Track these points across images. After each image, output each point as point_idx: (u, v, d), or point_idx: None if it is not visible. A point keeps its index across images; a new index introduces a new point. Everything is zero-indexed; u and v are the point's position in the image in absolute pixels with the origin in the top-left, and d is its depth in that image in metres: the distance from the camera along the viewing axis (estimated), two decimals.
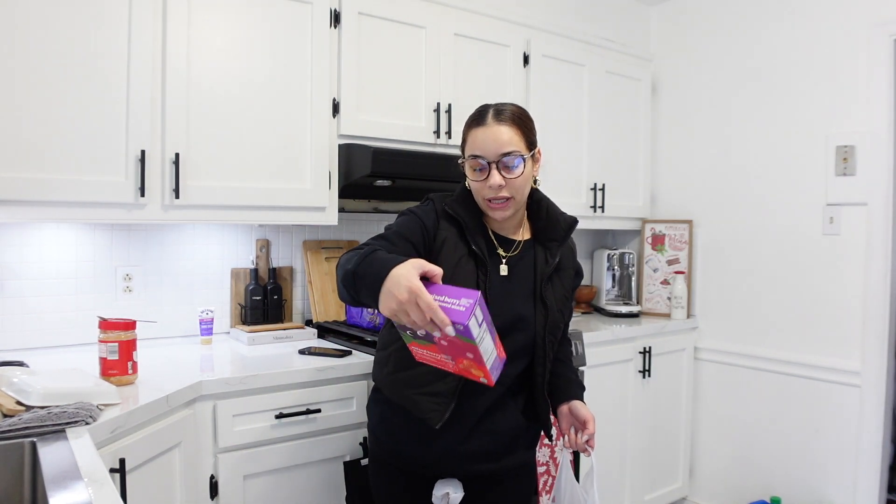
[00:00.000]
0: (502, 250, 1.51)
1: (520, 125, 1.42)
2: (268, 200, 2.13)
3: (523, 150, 1.41)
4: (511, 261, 1.50)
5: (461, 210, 1.47)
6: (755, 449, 2.96)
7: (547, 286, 1.50)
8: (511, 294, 1.47)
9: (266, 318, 2.41)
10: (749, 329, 3.01)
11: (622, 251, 3.35)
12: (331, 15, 2.25)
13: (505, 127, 1.40)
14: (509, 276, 1.49)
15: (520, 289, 1.49)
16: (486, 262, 1.44)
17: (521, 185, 1.42)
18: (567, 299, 1.55)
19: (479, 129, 1.41)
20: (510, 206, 1.44)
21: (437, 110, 2.48)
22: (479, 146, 1.41)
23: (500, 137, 1.39)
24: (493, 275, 1.47)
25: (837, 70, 2.70)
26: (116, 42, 1.86)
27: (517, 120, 1.42)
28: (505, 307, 1.44)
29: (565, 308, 1.55)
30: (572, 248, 1.61)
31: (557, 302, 1.51)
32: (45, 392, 1.39)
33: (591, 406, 2.65)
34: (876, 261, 2.57)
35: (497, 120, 1.41)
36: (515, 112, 1.44)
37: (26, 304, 2.05)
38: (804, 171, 2.81)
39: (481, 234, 1.49)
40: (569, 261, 1.57)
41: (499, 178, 1.39)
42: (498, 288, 1.46)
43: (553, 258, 1.51)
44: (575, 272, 1.59)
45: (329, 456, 1.96)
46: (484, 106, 1.47)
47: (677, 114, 3.31)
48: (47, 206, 1.77)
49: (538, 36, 2.85)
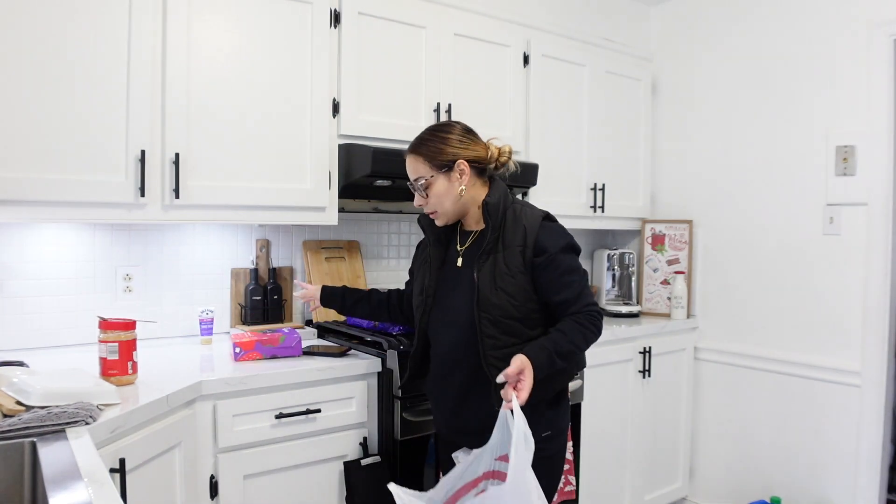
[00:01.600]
0: (460, 245, 1.74)
1: (422, 153, 1.67)
2: (268, 200, 2.13)
3: (427, 174, 1.66)
4: (465, 252, 1.72)
5: (424, 221, 1.79)
6: (755, 449, 2.96)
7: (483, 266, 1.62)
8: (460, 280, 1.68)
9: (266, 318, 2.41)
10: (749, 329, 3.01)
11: (622, 251, 3.35)
12: (331, 15, 2.25)
13: (410, 157, 1.69)
14: (462, 266, 1.71)
15: (467, 275, 1.67)
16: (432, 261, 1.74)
17: (439, 201, 1.67)
18: (514, 276, 1.60)
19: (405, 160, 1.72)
20: (439, 216, 1.70)
21: (437, 110, 2.48)
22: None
23: (409, 168, 1.70)
24: (449, 269, 1.73)
25: (837, 70, 2.70)
26: (116, 42, 1.86)
27: (423, 150, 1.67)
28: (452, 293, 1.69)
29: (512, 286, 1.59)
30: (525, 227, 1.63)
31: (497, 280, 1.59)
32: (45, 392, 1.39)
33: (592, 406, 2.66)
34: (876, 261, 2.57)
35: (409, 151, 1.70)
36: (424, 140, 1.69)
37: (26, 304, 2.05)
38: (804, 171, 2.81)
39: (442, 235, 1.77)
40: (515, 238, 1.62)
41: (419, 199, 1.70)
42: (449, 279, 1.72)
43: (486, 240, 1.63)
44: (536, 249, 1.61)
45: (329, 456, 1.96)
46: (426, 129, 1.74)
47: (677, 114, 3.31)
48: (47, 206, 1.77)
49: (538, 36, 2.85)
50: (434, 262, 1.74)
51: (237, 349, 2.01)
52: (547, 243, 1.61)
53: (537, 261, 1.60)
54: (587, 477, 2.68)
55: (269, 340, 2.04)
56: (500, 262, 1.61)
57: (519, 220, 1.64)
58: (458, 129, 1.69)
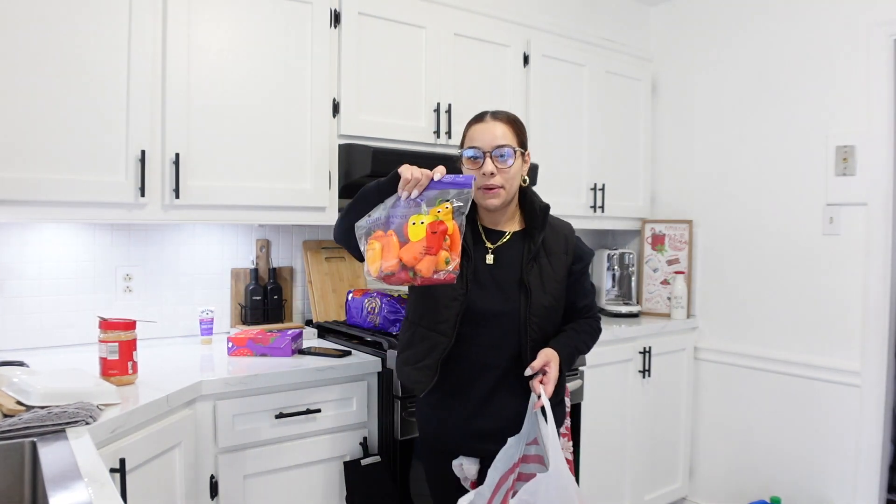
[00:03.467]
0: (489, 242, 1.65)
1: (513, 125, 1.62)
2: (268, 200, 2.13)
3: (514, 145, 1.59)
4: (498, 250, 1.64)
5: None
6: (755, 449, 2.96)
7: (531, 271, 1.59)
8: (497, 280, 1.60)
9: (266, 318, 2.41)
10: (749, 329, 3.01)
11: (622, 251, 3.35)
12: (331, 15, 2.25)
13: (500, 124, 1.60)
14: (496, 264, 1.62)
15: (506, 276, 1.61)
16: (471, 251, 1.60)
17: (511, 177, 1.59)
18: (559, 282, 1.63)
19: (478, 125, 1.62)
20: (500, 194, 1.59)
21: (437, 110, 2.49)
22: (476, 139, 1.60)
23: (494, 132, 1.58)
24: (479, 263, 1.62)
25: (837, 70, 2.70)
26: (116, 42, 1.86)
27: (512, 120, 1.63)
28: (491, 292, 1.59)
29: (557, 291, 1.62)
30: (566, 235, 1.68)
31: (546, 285, 1.60)
32: (45, 392, 1.40)
33: (592, 406, 2.66)
34: (876, 261, 2.57)
35: (494, 118, 1.61)
36: (511, 115, 1.65)
37: (26, 304, 2.05)
38: (804, 171, 2.81)
39: (469, 228, 1.61)
40: (558, 245, 1.65)
41: (491, 166, 1.56)
42: (485, 275, 1.61)
43: (535, 243, 1.61)
44: (575, 257, 1.66)
45: (329, 456, 1.97)
46: (483, 111, 1.66)
47: (677, 114, 3.31)
48: (47, 206, 1.77)
49: (538, 36, 2.85)
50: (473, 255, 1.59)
51: (230, 344, 2.08)
52: (583, 253, 1.70)
53: (574, 268, 1.66)
54: (587, 477, 2.68)
55: (261, 339, 2.07)
56: (545, 266, 1.62)
57: (556, 228, 1.68)
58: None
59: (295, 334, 2.13)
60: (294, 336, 2.12)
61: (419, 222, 1.39)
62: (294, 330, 2.23)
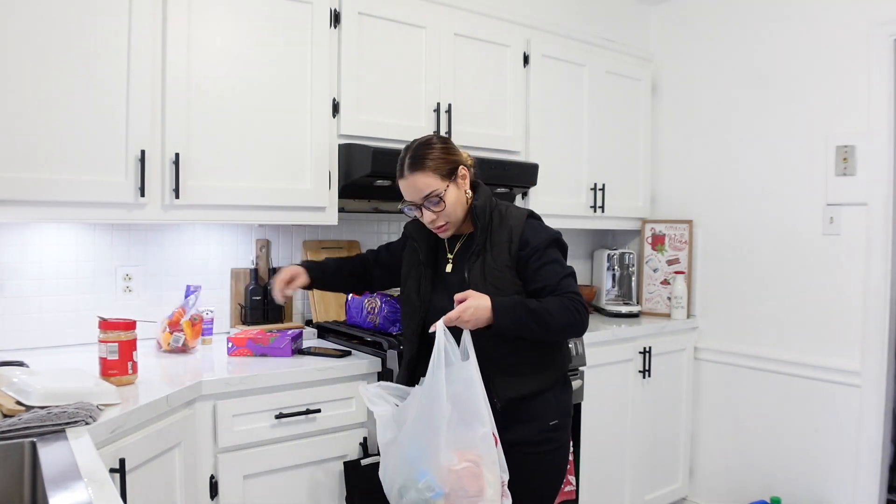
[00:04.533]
0: (450, 252, 1.80)
1: (431, 167, 1.66)
2: (268, 200, 2.13)
3: (440, 186, 1.66)
4: (455, 257, 1.78)
5: (412, 229, 1.84)
6: (755, 449, 2.96)
7: (474, 265, 1.68)
8: (451, 284, 1.72)
9: (266, 318, 2.41)
10: (749, 329, 3.01)
11: (622, 251, 3.35)
12: (331, 15, 2.25)
13: (419, 175, 1.66)
14: (454, 270, 1.77)
15: (457, 277, 1.73)
16: (426, 269, 1.79)
17: (450, 211, 1.69)
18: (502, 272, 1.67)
19: (402, 181, 1.70)
20: (448, 227, 1.73)
21: (437, 110, 2.48)
22: (406, 194, 1.71)
23: (416, 185, 1.67)
24: (440, 273, 1.79)
25: (837, 70, 2.70)
26: (116, 42, 1.85)
27: (427, 164, 1.66)
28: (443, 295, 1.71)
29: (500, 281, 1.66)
30: (511, 226, 1.71)
31: (488, 277, 1.66)
32: (45, 392, 1.39)
33: (592, 406, 2.66)
34: (876, 261, 2.57)
35: (411, 170, 1.67)
36: (426, 154, 1.67)
37: (26, 304, 2.05)
38: (804, 171, 2.80)
39: (429, 242, 1.81)
40: (502, 236, 1.70)
41: (430, 215, 1.69)
42: (441, 283, 1.77)
43: (476, 242, 1.70)
44: (521, 244, 1.68)
45: (329, 456, 1.96)
46: (404, 152, 1.72)
47: (677, 114, 3.31)
48: (47, 206, 1.77)
49: (538, 36, 2.85)
50: (429, 271, 1.79)
51: (230, 344, 2.08)
52: (531, 238, 1.70)
53: (522, 254, 1.68)
54: (587, 477, 2.68)
55: (261, 339, 2.07)
56: (488, 260, 1.68)
57: (505, 220, 1.72)
58: (442, 138, 1.76)
59: (295, 334, 2.13)
60: (294, 336, 2.11)
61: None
62: (294, 330, 2.23)
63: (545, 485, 1.72)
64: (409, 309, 1.81)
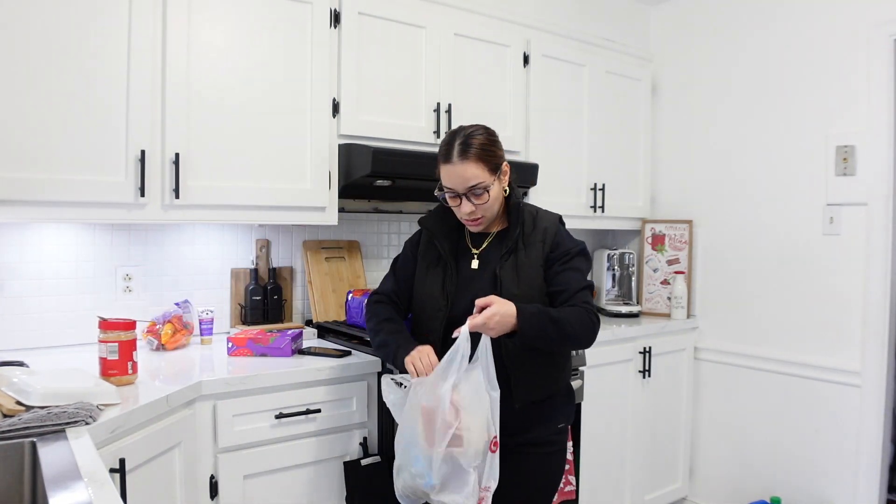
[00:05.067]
0: (475, 248, 1.75)
1: (483, 158, 1.61)
2: (268, 200, 2.13)
3: (487, 179, 1.62)
4: (482, 254, 1.73)
5: (432, 223, 1.78)
6: (755, 449, 2.96)
7: (505, 263, 1.66)
8: (478, 280, 1.68)
9: (266, 318, 2.41)
10: (749, 329, 3.01)
11: (622, 251, 3.35)
12: (331, 15, 2.25)
13: (469, 164, 1.60)
14: (480, 268, 1.71)
15: (485, 274, 1.68)
16: (451, 265, 1.72)
17: (490, 206, 1.66)
18: (535, 272, 1.66)
19: (448, 167, 1.63)
20: (483, 222, 1.69)
21: (437, 110, 2.48)
22: (449, 181, 1.64)
23: (465, 174, 1.60)
24: (464, 270, 1.72)
25: (837, 70, 2.70)
26: (116, 42, 1.85)
27: (480, 154, 1.61)
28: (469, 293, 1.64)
29: (532, 281, 1.65)
30: (546, 226, 1.71)
31: (520, 277, 1.64)
32: (45, 392, 1.39)
33: (592, 406, 2.66)
34: (876, 261, 2.57)
35: (462, 158, 1.60)
36: (479, 144, 1.62)
37: (26, 304, 2.05)
38: (804, 171, 2.80)
39: (450, 238, 1.76)
40: (536, 236, 1.69)
41: (469, 206, 1.64)
42: (468, 280, 1.70)
43: (511, 240, 1.68)
44: (553, 245, 1.69)
45: (329, 456, 1.96)
46: (452, 136, 1.66)
47: (677, 114, 3.31)
48: (47, 206, 1.77)
49: (538, 36, 2.85)
50: (452, 265, 1.72)
51: (230, 344, 2.08)
52: (563, 241, 1.71)
53: (552, 255, 1.68)
54: (587, 477, 2.68)
55: (261, 339, 2.07)
56: (521, 258, 1.67)
57: (538, 221, 1.72)
58: (490, 130, 1.68)
59: (295, 334, 2.13)
60: (294, 336, 2.11)
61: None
62: (294, 330, 2.23)
63: (548, 485, 1.73)
64: (431, 308, 1.71)
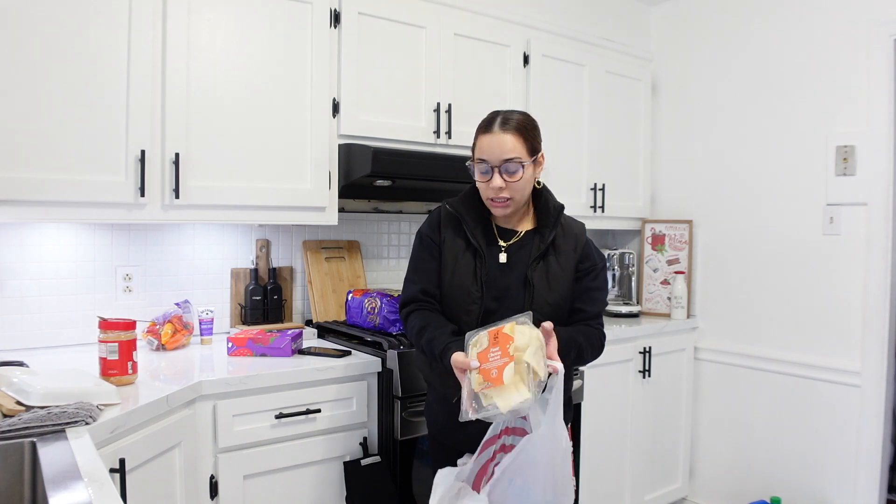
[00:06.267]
0: (503, 241, 1.65)
1: (523, 134, 1.56)
2: (268, 200, 2.13)
3: (525, 157, 1.55)
4: (510, 249, 1.65)
5: (461, 208, 1.66)
6: (755, 449, 2.96)
7: (537, 267, 1.61)
8: (507, 278, 1.61)
9: (266, 318, 2.41)
10: (749, 329, 3.01)
11: (622, 251, 3.35)
12: (331, 15, 2.25)
13: (509, 135, 1.54)
14: (508, 263, 1.63)
15: (516, 273, 1.62)
16: (483, 252, 1.61)
17: (520, 188, 1.57)
18: (566, 280, 1.62)
19: (487, 136, 1.57)
20: (510, 205, 1.59)
21: (437, 110, 2.48)
22: (485, 151, 1.57)
23: (503, 145, 1.54)
24: (492, 262, 1.63)
25: (837, 70, 2.70)
26: (116, 42, 1.85)
27: (521, 129, 1.56)
28: (500, 290, 1.60)
29: (563, 289, 1.62)
30: (576, 234, 1.67)
31: (552, 283, 1.60)
32: (45, 392, 1.39)
33: (592, 406, 2.66)
34: (876, 261, 2.57)
35: (503, 128, 1.55)
36: (521, 121, 1.57)
37: (26, 304, 2.05)
38: (804, 171, 2.80)
39: (481, 227, 1.65)
40: (568, 244, 1.65)
41: (500, 181, 1.55)
42: (497, 274, 1.62)
43: (543, 242, 1.62)
44: (582, 255, 1.65)
45: (329, 456, 1.97)
46: (494, 113, 1.60)
47: (677, 114, 3.31)
48: (47, 206, 1.77)
49: (538, 36, 2.85)
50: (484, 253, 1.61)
51: (230, 344, 2.08)
52: (591, 253, 1.68)
53: (581, 266, 1.65)
54: (587, 477, 2.68)
55: (261, 339, 2.07)
56: (553, 265, 1.62)
57: (568, 228, 1.67)
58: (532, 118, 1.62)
59: (295, 334, 2.13)
60: (294, 336, 2.11)
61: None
62: (294, 330, 2.23)
63: None
64: (464, 299, 1.59)
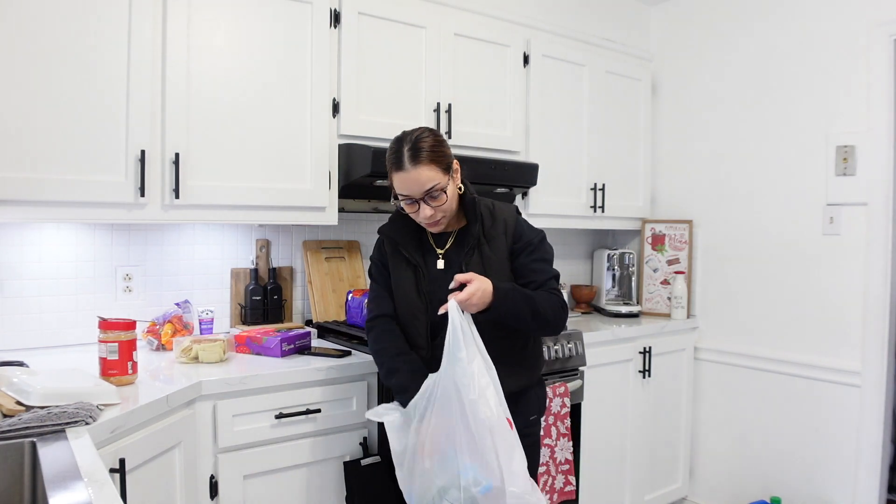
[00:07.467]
0: (439, 248, 1.74)
1: (434, 160, 1.59)
2: (268, 200, 2.13)
3: (442, 180, 1.60)
4: (447, 254, 1.73)
5: (392, 232, 1.75)
6: (755, 449, 2.96)
7: (471, 260, 1.67)
8: (447, 280, 1.62)
9: (266, 318, 2.41)
10: (749, 329, 3.01)
11: (622, 251, 3.35)
12: (331, 15, 2.25)
13: (423, 168, 1.57)
14: (446, 268, 1.71)
15: (454, 272, 1.65)
16: (421, 266, 1.71)
17: (448, 206, 1.65)
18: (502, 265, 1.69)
19: (401, 174, 1.60)
20: (443, 222, 1.68)
21: (437, 110, 2.48)
22: (404, 188, 1.61)
23: (419, 179, 1.58)
24: (433, 272, 1.71)
25: (838, 70, 2.70)
26: (116, 42, 1.85)
27: (431, 156, 1.59)
28: (440, 293, 1.62)
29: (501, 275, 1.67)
30: (505, 219, 1.73)
31: (489, 271, 1.64)
32: (45, 392, 1.39)
33: (592, 406, 2.66)
34: (876, 261, 2.57)
35: (413, 163, 1.57)
36: (428, 147, 1.60)
37: (26, 304, 2.05)
38: (804, 171, 2.81)
39: (415, 243, 1.74)
40: (497, 230, 1.71)
41: (428, 210, 1.62)
42: (438, 280, 1.68)
43: (473, 236, 1.68)
44: (514, 237, 1.71)
45: (329, 456, 1.96)
46: (398, 143, 1.62)
47: (677, 114, 3.31)
48: (47, 206, 1.77)
49: (538, 36, 2.85)
50: (423, 267, 1.71)
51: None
52: (524, 232, 1.73)
53: (515, 247, 1.70)
54: (587, 477, 2.68)
55: (256, 339, 2.08)
56: (486, 252, 1.68)
57: (496, 214, 1.73)
58: (434, 131, 1.68)
59: (295, 335, 2.13)
60: (285, 338, 2.08)
61: None
62: (296, 330, 2.23)
63: None
64: (411, 313, 1.70)
